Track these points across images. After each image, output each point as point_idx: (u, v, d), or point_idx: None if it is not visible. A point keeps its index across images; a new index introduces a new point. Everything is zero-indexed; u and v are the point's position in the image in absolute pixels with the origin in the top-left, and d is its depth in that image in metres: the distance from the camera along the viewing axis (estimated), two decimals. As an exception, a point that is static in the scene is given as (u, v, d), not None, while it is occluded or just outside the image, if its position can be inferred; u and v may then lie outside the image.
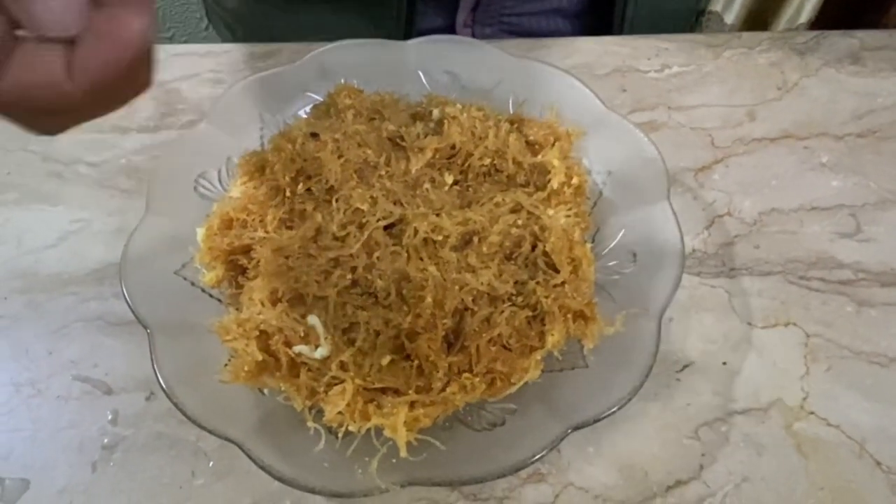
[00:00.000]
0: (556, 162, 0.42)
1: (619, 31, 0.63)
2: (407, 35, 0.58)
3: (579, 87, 0.49)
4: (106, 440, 0.39)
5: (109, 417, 0.40)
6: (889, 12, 0.87)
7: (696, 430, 0.40)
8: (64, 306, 0.44)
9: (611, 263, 0.42)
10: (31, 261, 0.47)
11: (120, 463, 0.38)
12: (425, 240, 0.39)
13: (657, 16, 0.64)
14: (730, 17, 0.92)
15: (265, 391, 0.37)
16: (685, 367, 0.42)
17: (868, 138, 0.55)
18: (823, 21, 0.81)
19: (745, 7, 0.84)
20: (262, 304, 0.37)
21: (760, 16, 0.95)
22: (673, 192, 0.44)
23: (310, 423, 0.34)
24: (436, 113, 0.45)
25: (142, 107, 0.55)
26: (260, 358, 0.35)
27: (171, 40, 1.39)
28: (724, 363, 0.43)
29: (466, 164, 0.43)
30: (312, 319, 0.36)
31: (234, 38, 0.70)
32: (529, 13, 0.64)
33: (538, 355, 0.37)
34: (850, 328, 0.44)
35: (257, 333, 0.36)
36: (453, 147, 0.43)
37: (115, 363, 0.42)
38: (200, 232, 0.41)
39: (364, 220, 0.39)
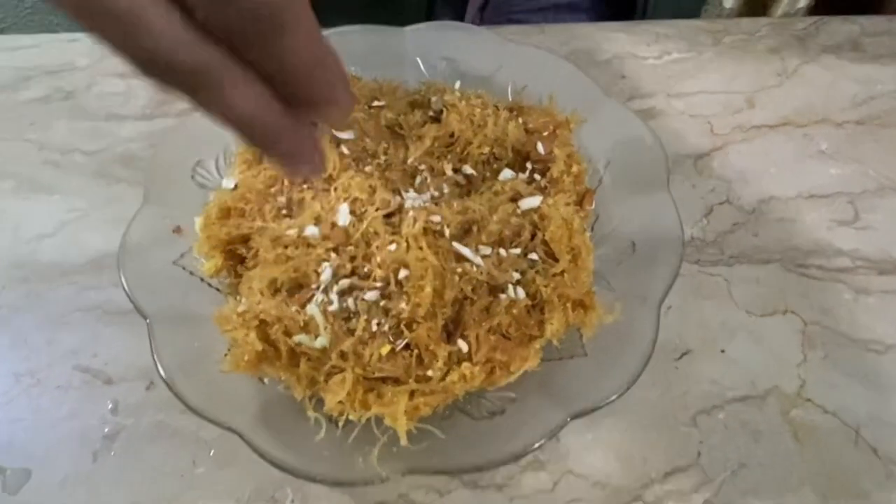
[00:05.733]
0: (556, 150, 0.42)
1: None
2: None
3: (578, 74, 0.49)
4: (107, 429, 0.39)
5: (110, 407, 0.40)
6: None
7: (694, 418, 0.40)
8: (63, 296, 0.44)
9: (610, 253, 0.42)
10: (29, 250, 0.46)
11: (121, 452, 0.39)
12: (424, 229, 0.39)
13: (677, 5, 0.63)
14: (729, 2, 0.91)
15: (265, 380, 0.37)
16: (683, 354, 0.43)
17: (868, 125, 0.55)
18: (822, 6, 0.81)
19: (744, -8, 0.84)
20: (262, 294, 0.37)
21: (759, 0, 0.94)
22: (672, 179, 0.44)
23: (310, 413, 0.34)
24: (435, 101, 0.45)
25: (138, 94, 0.55)
26: (260, 348, 0.35)
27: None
28: (723, 351, 0.43)
29: (465, 153, 0.43)
30: (312, 309, 0.36)
31: None
32: (538, 9, 0.64)
33: (537, 344, 0.37)
34: (848, 316, 0.44)
35: (257, 323, 0.36)
36: (452, 135, 0.43)
37: (114, 353, 0.42)
38: (199, 221, 0.41)
39: (363, 210, 0.39)
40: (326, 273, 0.37)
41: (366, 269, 0.37)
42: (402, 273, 0.37)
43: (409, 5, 0.60)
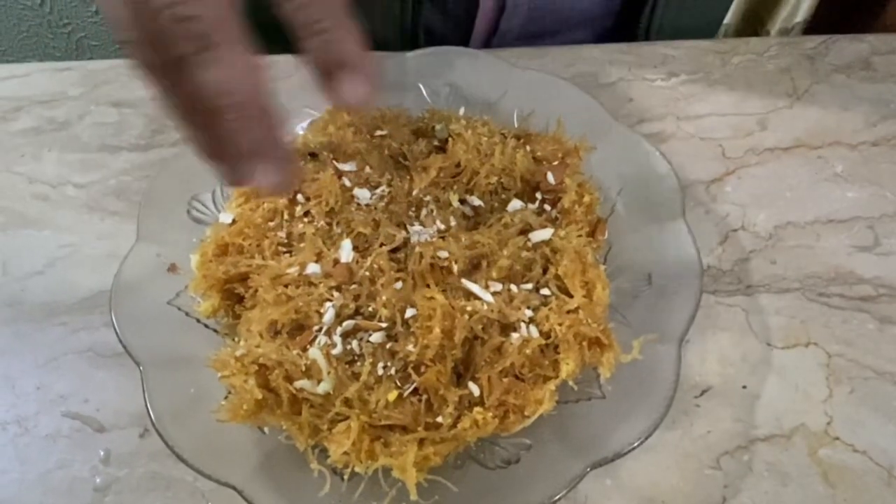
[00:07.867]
0: (567, 180, 0.41)
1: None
2: None
3: (585, 98, 0.48)
4: (98, 481, 0.37)
5: (101, 456, 0.38)
6: (886, 12, 0.86)
7: (718, 460, 0.38)
8: (52, 337, 0.42)
9: (625, 285, 0.41)
10: (18, 289, 0.44)
11: (113, 506, 0.36)
12: (431, 265, 0.37)
13: (684, 31, 0.61)
14: (725, 17, 0.90)
15: (265, 430, 0.35)
16: (704, 391, 0.41)
17: (882, 146, 0.53)
18: (820, 20, 0.80)
19: (740, 6, 0.83)
20: (261, 336, 0.35)
21: (756, 14, 0.94)
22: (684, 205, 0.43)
23: (314, 465, 0.32)
24: (439, 129, 0.44)
25: (132, 123, 0.53)
26: (259, 396, 0.33)
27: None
28: (744, 387, 0.41)
29: (472, 183, 0.41)
30: (314, 352, 0.34)
31: None
32: (549, 33, 0.62)
33: (552, 386, 0.35)
34: (873, 347, 0.43)
35: (256, 368, 0.34)
36: (458, 165, 0.41)
37: (106, 398, 0.40)
38: (194, 258, 0.39)
39: (366, 245, 0.38)
40: (329, 313, 0.35)
41: (370, 309, 0.36)
42: (409, 312, 0.35)
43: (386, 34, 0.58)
